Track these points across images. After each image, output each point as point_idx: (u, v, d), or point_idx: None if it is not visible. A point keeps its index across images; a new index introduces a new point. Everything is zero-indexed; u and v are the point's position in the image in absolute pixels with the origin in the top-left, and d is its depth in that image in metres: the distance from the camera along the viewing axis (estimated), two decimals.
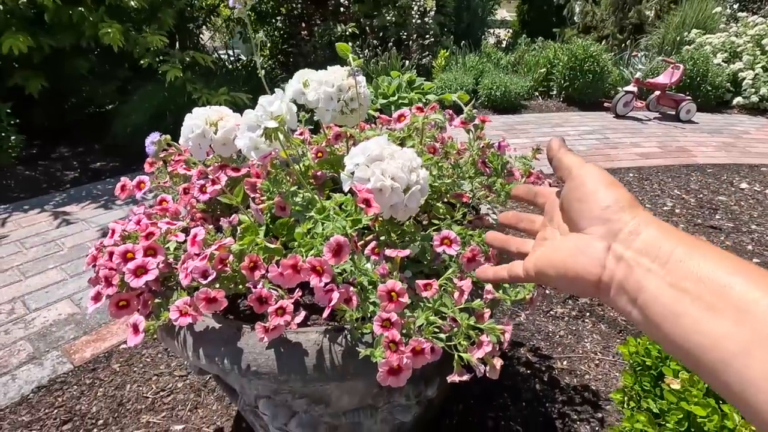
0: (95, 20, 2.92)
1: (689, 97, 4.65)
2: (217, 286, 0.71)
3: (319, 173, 1.01)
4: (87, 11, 2.91)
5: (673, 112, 4.68)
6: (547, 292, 1.71)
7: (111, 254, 0.74)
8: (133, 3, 3.07)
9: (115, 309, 0.75)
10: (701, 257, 0.27)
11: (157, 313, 0.73)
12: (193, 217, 0.99)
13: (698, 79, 5.00)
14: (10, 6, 2.65)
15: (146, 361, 1.43)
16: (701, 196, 2.78)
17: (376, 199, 0.69)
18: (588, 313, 1.65)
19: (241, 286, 0.76)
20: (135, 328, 0.69)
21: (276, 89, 0.85)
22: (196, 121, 0.93)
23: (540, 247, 0.39)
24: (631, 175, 3.13)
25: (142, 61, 3.09)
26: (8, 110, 2.83)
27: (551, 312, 1.67)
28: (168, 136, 0.86)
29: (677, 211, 2.57)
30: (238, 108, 3.39)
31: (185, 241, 0.84)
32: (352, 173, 0.73)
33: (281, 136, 0.76)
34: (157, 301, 0.75)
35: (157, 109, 3.38)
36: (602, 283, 0.31)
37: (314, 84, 0.94)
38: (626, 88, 4.70)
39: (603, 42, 6.39)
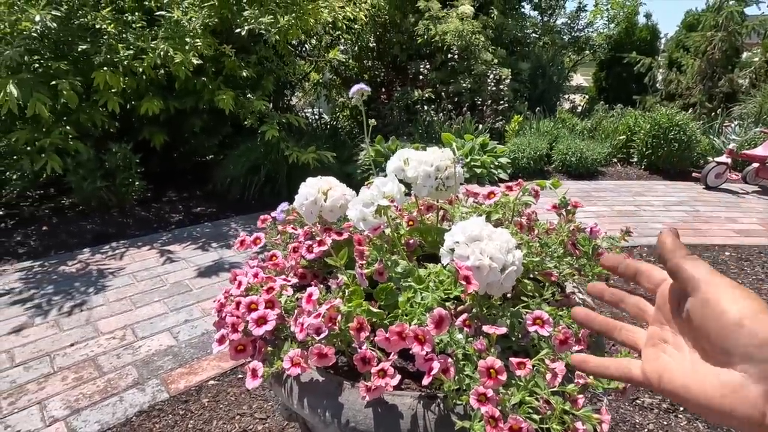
0: (213, 88, 3.45)
1: None
2: (325, 342, 0.80)
3: (411, 241, 1.09)
4: (208, 80, 3.46)
5: None
6: None
7: (238, 304, 0.87)
8: (244, 73, 3.58)
9: (234, 352, 0.86)
10: None
11: (270, 361, 0.82)
12: (295, 272, 1.12)
13: None
14: (151, 77, 3.24)
15: (231, 399, 1.54)
16: None
17: (474, 276, 0.75)
18: (682, 408, 1.51)
19: (342, 344, 0.84)
20: (254, 373, 0.79)
21: (378, 172, 0.97)
22: (310, 189, 1.08)
23: (661, 354, 0.35)
24: (727, 253, 2.88)
25: (246, 122, 3.54)
26: (137, 160, 3.35)
27: (638, 401, 1.54)
28: (294, 206, 1.01)
29: None
30: (323, 165, 3.70)
31: (293, 294, 0.95)
32: (452, 249, 0.80)
33: (389, 212, 0.86)
34: (269, 349, 0.86)
35: (253, 163, 3.79)
36: (764, 427, 0.29)
37: (414, 163, 1.06)
38: (718, 159, 4.43)
39: (690, 110, 6.14)
